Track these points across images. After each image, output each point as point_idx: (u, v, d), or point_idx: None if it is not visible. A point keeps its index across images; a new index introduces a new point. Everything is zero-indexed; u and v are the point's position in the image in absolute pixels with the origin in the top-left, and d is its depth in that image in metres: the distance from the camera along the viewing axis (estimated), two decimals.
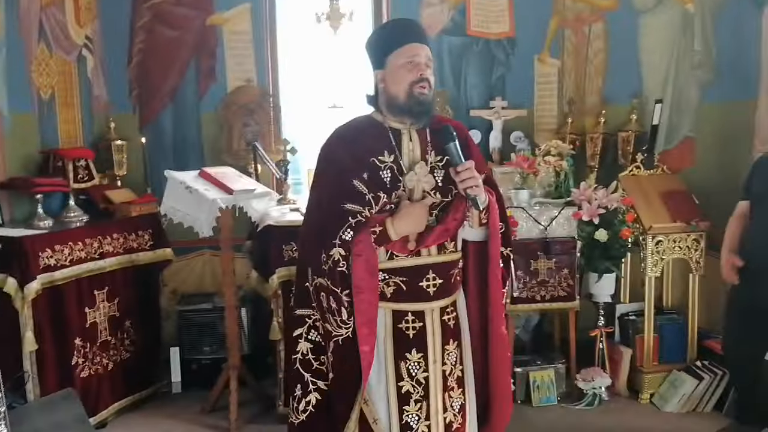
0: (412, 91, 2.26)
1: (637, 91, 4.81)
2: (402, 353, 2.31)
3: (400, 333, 2.31)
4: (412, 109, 2.28)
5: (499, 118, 4.99)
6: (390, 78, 2.30)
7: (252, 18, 4.89)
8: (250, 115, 4.86)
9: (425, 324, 2.32)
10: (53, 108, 4.29)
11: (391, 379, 2.31)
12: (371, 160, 2.28)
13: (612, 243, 4.13)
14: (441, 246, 2.31)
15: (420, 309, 2.32)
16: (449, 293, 2.36)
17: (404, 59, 2.27)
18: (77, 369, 3.80)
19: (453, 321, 2.38)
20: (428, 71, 2.29)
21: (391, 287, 2.30)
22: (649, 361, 4.27)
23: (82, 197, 4.29)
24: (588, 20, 4.99)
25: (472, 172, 2.18)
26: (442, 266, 2.32)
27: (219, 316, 4.38)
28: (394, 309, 2.31)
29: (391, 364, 2.31)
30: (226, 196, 3.76)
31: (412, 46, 2.28)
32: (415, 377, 2.32)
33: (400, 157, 2.31)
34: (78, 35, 4.51)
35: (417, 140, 2.34)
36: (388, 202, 2.26)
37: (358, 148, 2.31)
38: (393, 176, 2.28)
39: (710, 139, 4.47)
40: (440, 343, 2.34)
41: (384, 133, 2.33)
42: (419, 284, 2.30)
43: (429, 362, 2.33)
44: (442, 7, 5.04)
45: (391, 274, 2.29)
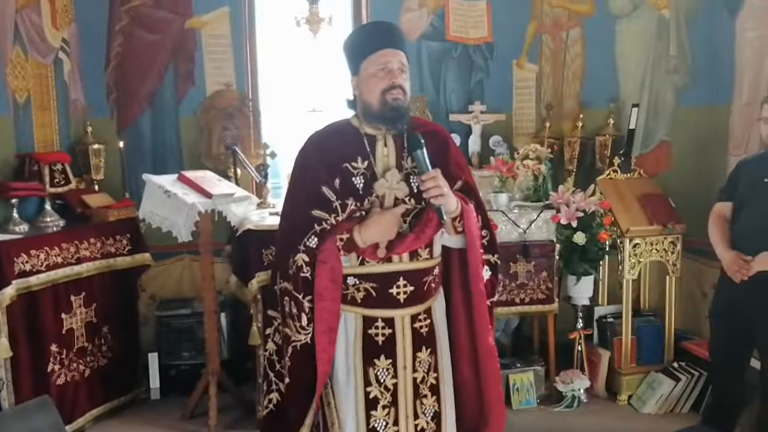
0: (385, 99, 2.23)
1: (614, 96, 4.86)
2: (371, 359, 2.30)
3: (369, 339, 2.30)
4: (386, 116, 2.26)
5: (478, 123, 5.01)
6: (363, 86, 2.28)
7: (231, 22, 4.87)
8: (230, 119, 4.84)
9: (395, 331, 2.30)
10: (29, 112, 4.23)
11: (359, 384, 2.30)
12: (344, 166, 2.27)
13: (590, 246, 4.17)
14: (413, 253, 2.28)
15: (390, 316, 2.29)
16: (421, 301, 2.33)
17: (376, 67, 2.24)
18: (53, 376, 3.75)
19: (426, 328, 2.34)
20: (402, 77, 2.26)
21: (362, 293, 2.28)
22: (627, 363, 4.31)
23: (59, 202, 4.24)
24: (565, 26, 5.04)
25: (437, 181, 2.14)
26: (413, 273, 2.29)
27: (198, 322, 4.35)
28: (364, 315, 2.30)
29: (359, 370, 2.30)
30: (205, 201, 3.75)
31: (384, 53, 2.25)
32: (383, 383, 2.30)
33: (374, 164, 2.29)
34: (54, 38, 4.46)
35: (392, 146, 2.32)
36: (358, 208, 2.24)
37: (331, 154, 2.29)
38: (366, 182, 2.26)
39: (686, 143, 4.53)
40: (411, 350, 2.32)
41: (359, 139, 2.31)
42: (389, 291, 2.27)
43: (398, 369, 2.31)
44: (422, 12, 5.06)
45: (361, 279, 2.28)
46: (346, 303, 2.30)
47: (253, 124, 4.92)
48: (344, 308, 2.30)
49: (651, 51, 4.67)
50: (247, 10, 4.91)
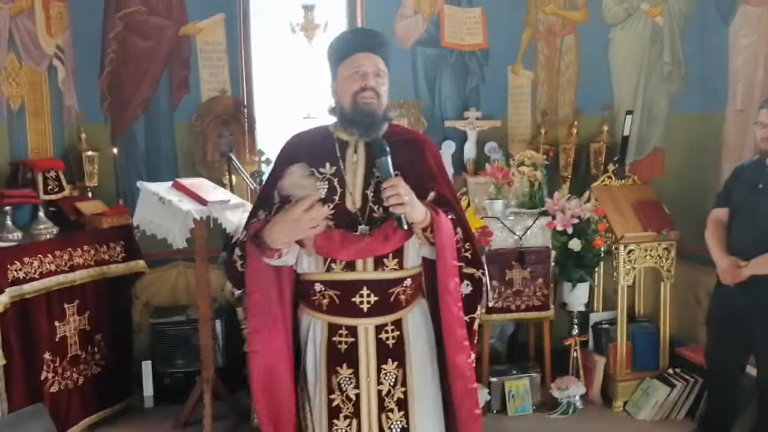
0: (356, 102, 2.21)
1: (608, 103, 4.87)
2: (333, 367, 2.26)
3: (333, 346, 2.26)
4: (357, 119, 2.23)
5: (473, 129, 5.02)
6: (339, 90, 2.27)
7: (226, 28, 4.86)
8: (225, 125, 4.83)
9: (357, 340, 2.26)
10: (23, 118, 4.22)
11: (323, 391, 2.27)
12: (311, 171, 2.23)
13: (585, 252, 4.18)
14: (378, 263, 2.22)
15: (353, 324, 2.26)
16: (388, 312, 2.27)
17: (350, 70, 2.23)
18: (46, 384, 3.73)
19: (393, 340, 2.28)
20: (375, 81, 2.23)
21: (327, 299, 2.25)
22: (623, 369, 4.32)
23: (52, 209, 4.22)
24: (560, 33, 5.05)
25: (396, 189, 2.06)
26: (378, 283, 2.24)
27: (192, 329, 4.33)
28: (330, 321, 2.27)
29: (323, 377, 2.27)
30: (201, 208, 3.74)
31: (358, 57, 2.23)
32: (345, 392, 2.26)
33: (342, 169, 2.26)
34: (48, 45, 4.45)
35: (362, 153, 2.27)
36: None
37: (301, 158, 2.25)
38: (330, 188, 2.23)
39: (680, 149, 4.55)
40: (375, 361, 2.27)
41: (331, 144, 2.29)
42: (352, 299, 2.23)
43: (360, 379, 2.26)
44: (417, 19, 5.07)
45: (326, 286, 2.25)
46: (314, 309, 2.29)
47: (247, 131, 4.91)
48: (313, 314, 2.29)
49: (645, 58, 4.69)
50: (242, 16, 4.91)
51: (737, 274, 3.35)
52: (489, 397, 4.21)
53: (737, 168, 3.64)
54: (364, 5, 4.95)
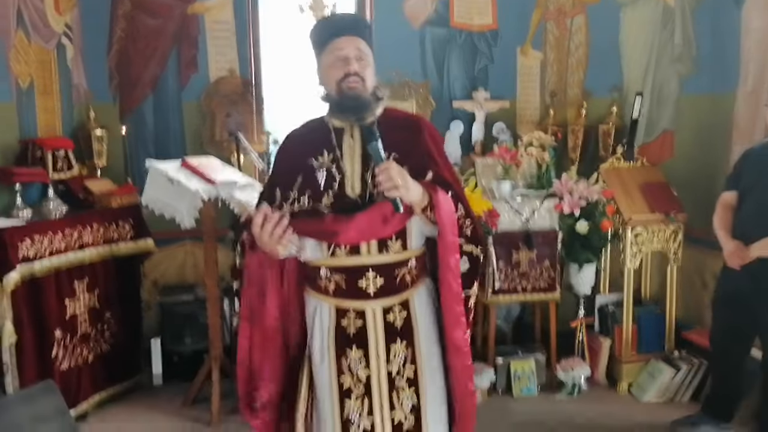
0: (341, 89, 2.19)
1: (617, 84, 4.85)
2: (343, 349, 2.29)
3: (341, 329, 2.29)
4: (345, 105, 2.21)
5: (481, 110, 5.00)
6: (324, 78, 2.25)
7: (234, 7, 4.85)
8: (233, 105, 4.83)
9: (366, 322, 2.28)
10: (32, 97, 4.23)
11: (333, 374, 2.29)
12: (308, 162, 2.25)
13: (592, 235, 4.17)
14: (382, 246, 2.23)
15: (361, 308, 2.27)
16: (394, 293, 2.29)
17: (331, 57, 2.20)
18: (57, 361, 3.78)
19: (401, 321, 2.30)
20: (359, 64, 2.20)
21: (333, 284, 2.27)
22: (628, 351, 4.33)
23: (62, 187, 4.24)
24: (570, 13, 5.01)
25: (388, 173, 2.05)
26: (383, 267, 2.25)
27: (200, 308, 4.37)
28: (337, 305, 2.29)
29: (333, 359, 2.29)
30: (209, 187, 3.75)
31: (337, 42, 2.19)
32: (356, 374, 2.29)
33: (339, 156, 2.25)
34: (57, 23, 4.45)
35: (359, 137, 2.26)
36: (300, 211, 2.22)
37: (297, 151, 2.28)
38: (329, 176, 2.23)
39: (689, 132, 4.52)
40: (383, 341, 2.29)
41: (326, 132, 2.28)
42: (358, 283, 2.25)
43: (371, 360, 2.29)
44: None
45: (332, 271, 2.26)
46: (321, 293, 2.30)
47: (255, 111, 4.91)
48: (319, 297, 2.31)
49: (655, 39, 4.65)
50: None
51: (744, 256, 3.35)
52: (494, 378, 4.24)
53: (747, 151, 3.61)
54: None
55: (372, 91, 2.24)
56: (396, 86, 4.85)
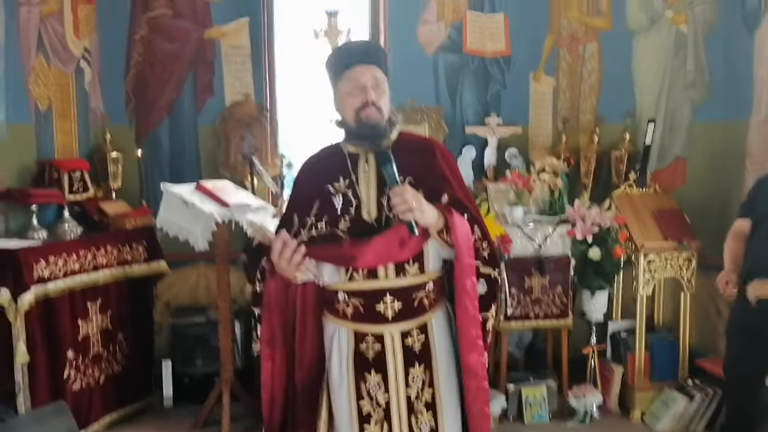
0: (359, 117, 2.22)
1: (630, 111, 4.86)
2: (362, 373, 2.29)
3: (360, 354, 2.30)
4: (363, 133, 2.24)
5: (494, 135, 5.01)
6: (340, 105, 2.28)
7: (250, 32, 4.91)
8: (248, 129, 4.87)
9: (384, 346, 2.29)
10: (50, 119, 4.30)
11: (352, 399, 2.30)
12: (325, 188, 2.28)
13: (605, 261, 4.16)
14: (400, 269, 2.25)
15: (379, 332, 2.28)
16: (412, 316, 2.30)
17: (349, 86, 2.23)
18: (69, 382, 3.80)
19: (419, 344, 2.31)
20: (375, 93, 2.23)
21: (351, 308, 2.28)
22: (641, 379, 4.29)
23: (77, 209, 4.29)
24: (582, 40, 5.04)
25: (403, 196, 2.07)
26: (401, 290, 2.26)
27: (212, 330, 4.37)
28: (355, 330, 2.30)
29: (352, 384, 2.30)
30: (223, 210, 3.77)
31: (354, 70, 2.23)
32: (375, 398, 2.29)
33: (355, 182, 2.28)
34: (76, 47, 4.53)
35: (373, 164, 2.29)
36: (319, 236, 2.25)
37: (314, 178, 2.32)
38: (345, 201, 2.26)
39: (702, 158, 4.51)
40: (402, 366, 2.30)
41: (342, 159, 2.32)
42: (376, 307, 2.26)
43: (389, 384, 2.30)
44: (439, 25, 5.08)
45: (350, 295, 2.27)
46: (339, 317, 2.31)
47: (270, 135, 4.95)
48: (337, 321, 2.32)
49: (668, 66, 4.67)
50: (266, 21, 4.95)
51: (729, 288, 3.39)
52: (506, 404, 4.21)
53: (761, 178, 3.59)
54: (386, 12, 4.97)
55: (387, 118, 2.27)
56: (409, 111, 4.88)
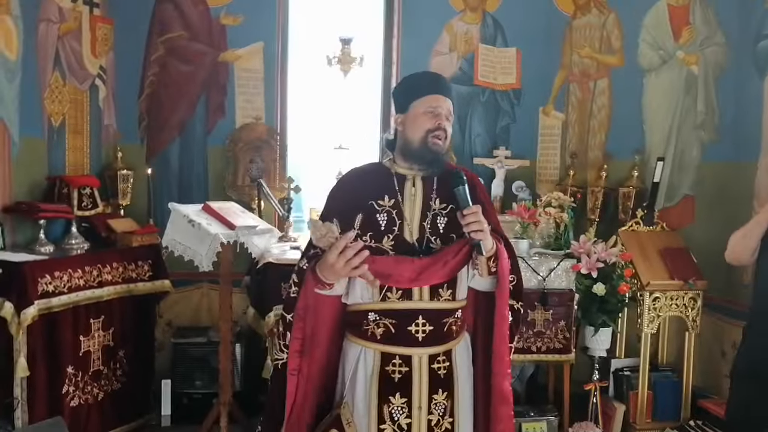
0: (427, 139, 2.32)
1: (639, 148, 4.87)
2: (386, 396, 2.31)
3: (385, 375, 2.31)
4: (424, 156, 2.34)
5: (501, 167, 5.03)
6: (409, 123, 2.37)
7: (264, 57, 4.97)
8: (257, 151, 4.91)
9: (412, 369, 2.32)
10: (63, 135, 4.34)
11: (373, 422, 2.30)
12: (369, 203, 2.34)
13: (609, 297, 4.13)
14: (434, 293, 2.30)
15: (408, 354, 2.31)
16: (441, 342, 2.34)
17: (425, 107, 2.34)
18: (67, 397, 3.78)
19: (444, 371, 2.35)
20: (447, 123, 2.36)
21: (381, 328, 2.31)
22: (643, 418, 4.25)
23: (85, 225, 4.32)
24: (594, 76, 5.07)
25: (478, 216, 2.19)
26: (433, 313, 2.32)
27: (213, 351, 4.36)
28: (383, 351, 2.32)
29: (374, 407, 2.31)
30: (228, 232, 3.78)
31: (436, 97, 2.36)
32: (397, 422, 2.30)
33: (401, 203, 2.35)
34: (92, 65, 4.59)
35: (421, 186, 2.38)
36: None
37: (358, 191, 2.37)
38: (389, 219, 2.32)
39: (710, 198, 4.52)
40: (427, 391, 2.33)
41: (389, 178, 2.39)
42: (408, 329, 2.30)
43: (413, 408, 2.32)
44: (451, 56, 5.13)
45: (381, 315, 2.30)
46: (366, 339, 2.33)
47: (279, 158, 4.99)
48: (364, 344, 2.34)
49: (678, 105, 4.69)
50: (281, 46, 5.02)
51: None
52: None
53: None
54: (400, 41, 5.03)
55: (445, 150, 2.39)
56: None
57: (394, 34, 5.08)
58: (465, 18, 5.13)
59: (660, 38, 4.75)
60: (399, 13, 5.04)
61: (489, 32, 5.16)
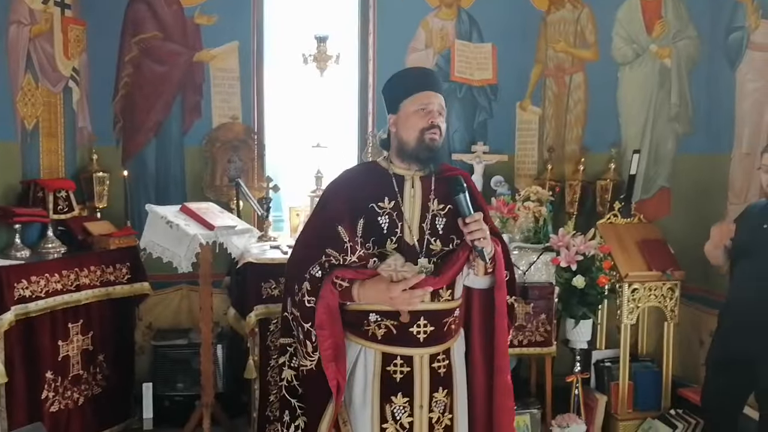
0: (423, 138, 2.31)
1: (615, 141, 4.91)
2: (388, 396, 2.32)
3: (387, 376, 2.33)
4: (420, 155, 2.33)
5: (480, 163, 5.04)
6: (402, 123, 2.35)
7: (239, 56, 4.94)
8: (234, 151, 4.88)
9: (413, 369, 2.33)
10: (37, 138, 4.28)
11: (375, 421, 2.32)
12: (370, 206, 2.32)
13: (589, 290, 4.17)
14: (435, 294, 2.31)
15: (409, 354, 2.33)
16: (441, 341, 2.36)
17: (417, 106, 2.32)
18: (47, 403, 3.73)
19: (444, 369, 2.38)
20: (440, 119, 2.34)
21: (382, 329, 2.31)
22: (624, 409, 4.29)
23: (61, 228, 4.26)
24: (569, 71, 5.11)
25: (481, 224, 2.20)
26: (434, 314, 2.33)
27: (194, 353, 4.33)
28: (384, 351, 2.33)
29: (376, 406, 2.32)
30: (207, 232, 3.76)
31: (427, 94, 2.34)
32: (399, 421, 2.32)
33: (401, 204, 2.34)
34: (65, 67, 4.53)
35: (419, 187, 2.38)
36: (367, 255, 2.27)
37: (358, 194, 2.35)
38: (391, 222, 2.31)
39: (686, 190, 4.57)
40: (428, 389, 2.35)
41: (387, 179, 2.38)
42: (409, 329, 2.31)
43: (414, 407, 2.34)
44: (428, 53, 5.14)
45: (383, 316, 2.31)
46: (366, 339, 2.34)
47: (257, 158, 4.96)
48: (364, 344, 2.35)
49: (653, 98, 4.74)
50: (256, 45, 4.99)
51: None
52: None
53: (746, 207, 3.62)
54: (376, 38, 5.02)
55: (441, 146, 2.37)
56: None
57: (369, 31, 5.07)
58: (440, 14, 5.14)
59: (633, 32, 4.80)
60: (374, 10, 5.03)
61: (464, 28, 5.17)
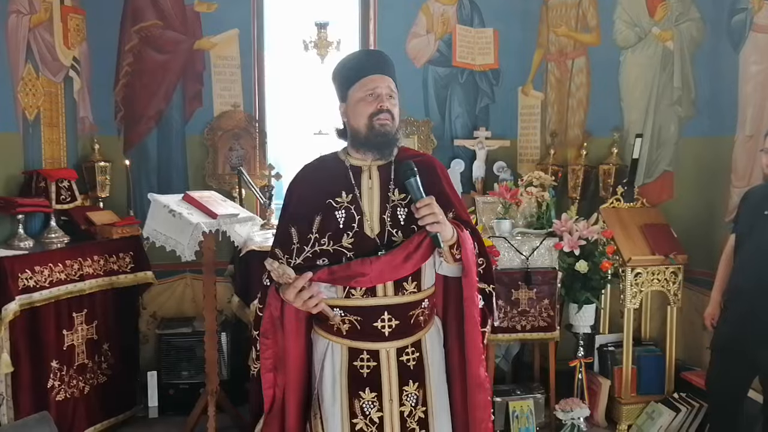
0: (373, 124, 2.21)
1: (618, 125, 4.89)
2: (356, 391, 2.27)
3: (354, 371, 2.28)
4: (372, 141, 2.24)
5: (482, 148, 5.04)
6: (351, 112, 2.27)
7: (240, 44, 4.93)
8: (236, 139, 4.88)
9: (380, 364, 2.27)
10: (38, 128, 4.27)
11: (345, 416, 2.27)
12: (327, 202, 2.25)
13: (592, 274, 4.17)
14: (398, 287, 2.24)
15: (375, 348, 2.27)
16: (408, 334, 2.29)
17: (363, 92, 2.23)
18: (53, 392, 3.76)
19: (414, 362, 2.31)
20: (390, 102, 2.24)
21: (347, 325, 2.26)
22: (628, 393, 4.30)
23: (64, 218, 4.27)
24: (571, 55, 5.08)
25: (432, 209, 2.10)
26: (398, 308, 2.26)
27: (198, 341, 4.35)
28: (350, 346, 2.28)
29: (345, 401, 2.27)
30: (210, 221, 3.76)
31: (371, 78, 2.24)
32: (369, 416, 2.27)
33: (359, 197, 2.26)
34: (66, 57, 4.51)
35: (377, 177, 2.29)
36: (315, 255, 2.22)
37: (314, 190, 2.29)
38: (348, 216, 2.23)
39: (689, 173, 4.55)
40: (397, 383, 2.28)
41: (344, 172, 2.29)
42: (374, 324, 2.25)
43: (384, 402, 2.28)
44: (429, 38, 5.12)
45: (346, 312, 2.25)
46: (332, 334, 2.30)
47: (258, 145, 4.96)
48: (331, 338, 2.30)
49: (655, 82, 4.71)
50: (256, 32, 4.98)
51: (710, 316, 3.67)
52: (493, 417, 4.19)
53: (744, 194, 3.63)
54: (376, 24, 5.00)
55: (396, 129, 2.28)
56: (398, 128, 4.90)
57: (370, 17, 5.05)
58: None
59: (635, 15, 4.77)
60: None
61: (465, 13, 5.15)
